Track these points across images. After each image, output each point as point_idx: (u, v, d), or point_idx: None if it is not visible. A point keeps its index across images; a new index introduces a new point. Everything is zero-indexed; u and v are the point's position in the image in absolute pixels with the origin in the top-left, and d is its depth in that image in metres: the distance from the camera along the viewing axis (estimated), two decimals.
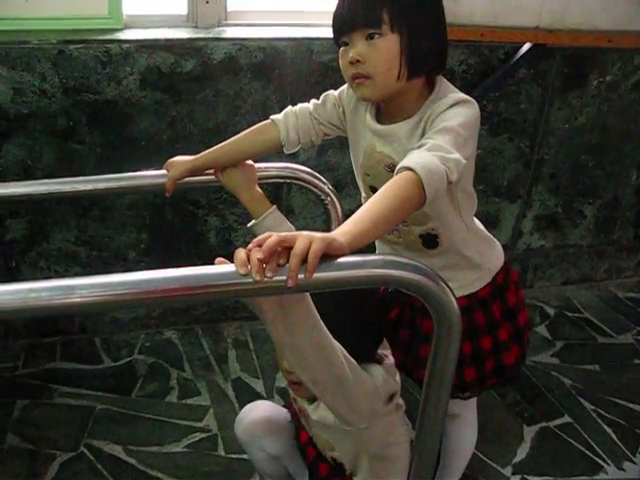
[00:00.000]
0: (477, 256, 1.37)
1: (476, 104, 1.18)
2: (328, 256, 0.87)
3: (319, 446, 1.36)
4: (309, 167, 1.52)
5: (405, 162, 1.05)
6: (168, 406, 2.02)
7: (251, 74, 2.03)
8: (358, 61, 1.14)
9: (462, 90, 1.22)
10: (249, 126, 1.39)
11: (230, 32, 2.07)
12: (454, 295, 0.93)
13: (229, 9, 2.15)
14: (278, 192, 2.23)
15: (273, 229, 1.09)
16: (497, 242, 1.45)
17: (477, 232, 1.38)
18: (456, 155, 1.07)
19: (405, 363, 1.49)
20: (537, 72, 2.33)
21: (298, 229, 2.52)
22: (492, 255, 1.42)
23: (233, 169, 1.35)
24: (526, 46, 2.19)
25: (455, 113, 1.13)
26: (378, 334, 1.25)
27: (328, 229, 1.48)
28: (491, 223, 2.56)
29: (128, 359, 2.23)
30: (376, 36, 1.13)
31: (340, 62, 1.19)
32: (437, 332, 0.97)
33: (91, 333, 2.30)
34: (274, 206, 1.35)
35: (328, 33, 2.11)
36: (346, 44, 1.17)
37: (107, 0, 1.98)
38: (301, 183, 1.48)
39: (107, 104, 1.98)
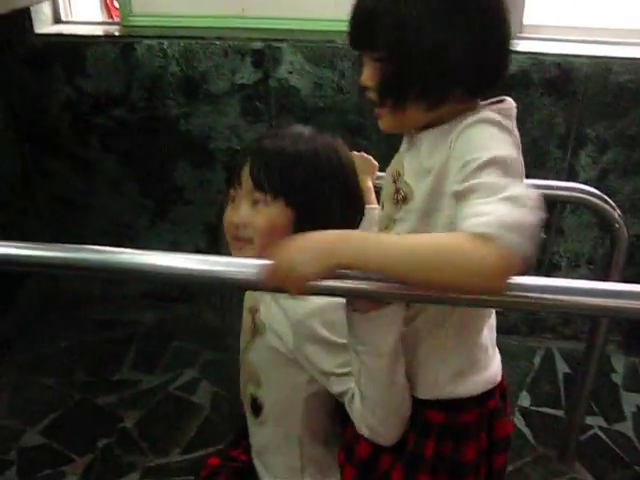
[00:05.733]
0: None
1: None
2: None
3: (243, 377, 1.20)
4: None
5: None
6: None
7: (542, 89, 2.00)
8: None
9: None
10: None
11: (525, 45, 2.06)
12: None
13: (525, 22, 2.14)
14: (551, 210, 2.15)
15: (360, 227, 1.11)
16: None
17: None
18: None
19: None
20: None
21: (566, 251, 2.41)
22: None
23: (355, 155, 1.24)
24: None
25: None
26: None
27: (610, 257, 1.42)
28: None
29: None
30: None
31: None
32: None
33: None
34: (374, 206, 1.22)
35: (629, 52, 2.02)
36: None
37: None
38: (587, 205, 1.44)
39: None
